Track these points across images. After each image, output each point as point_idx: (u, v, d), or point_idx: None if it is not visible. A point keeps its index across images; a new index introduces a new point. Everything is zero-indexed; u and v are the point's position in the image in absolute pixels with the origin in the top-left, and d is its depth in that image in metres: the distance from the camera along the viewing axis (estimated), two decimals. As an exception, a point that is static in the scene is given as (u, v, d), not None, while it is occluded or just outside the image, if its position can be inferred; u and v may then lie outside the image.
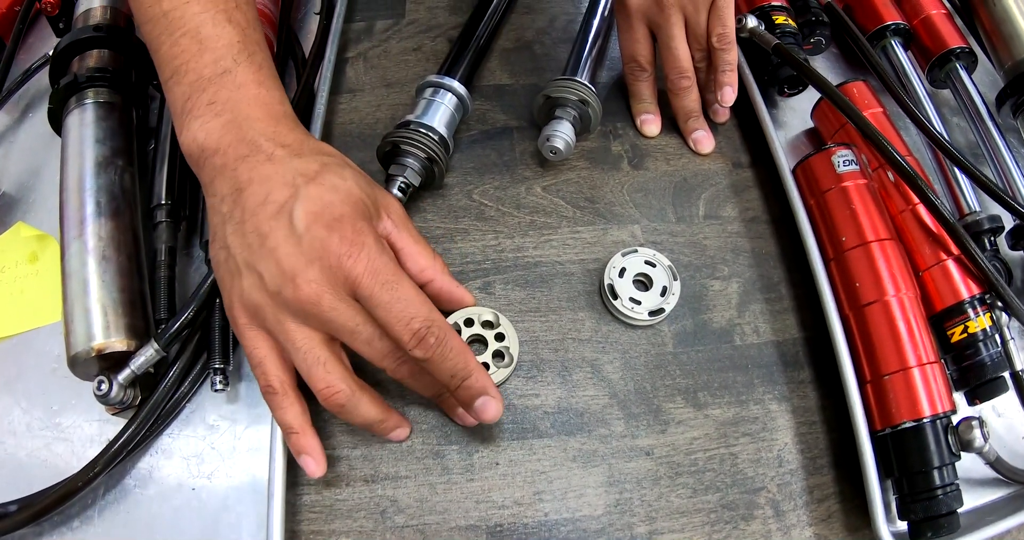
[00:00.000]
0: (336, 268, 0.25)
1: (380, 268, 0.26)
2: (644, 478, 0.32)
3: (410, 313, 0.26)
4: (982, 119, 0.42)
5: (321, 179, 0.27)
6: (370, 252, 0.26)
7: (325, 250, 0.25)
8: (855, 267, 0.34)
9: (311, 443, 0.28)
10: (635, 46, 0.39)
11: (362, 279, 0.26)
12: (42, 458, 0.32)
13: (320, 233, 0.25)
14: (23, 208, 0.40)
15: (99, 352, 0.30)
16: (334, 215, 0.26)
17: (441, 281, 0.31)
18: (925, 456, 0.30)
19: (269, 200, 0.26)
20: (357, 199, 0.27)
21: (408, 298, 0.26)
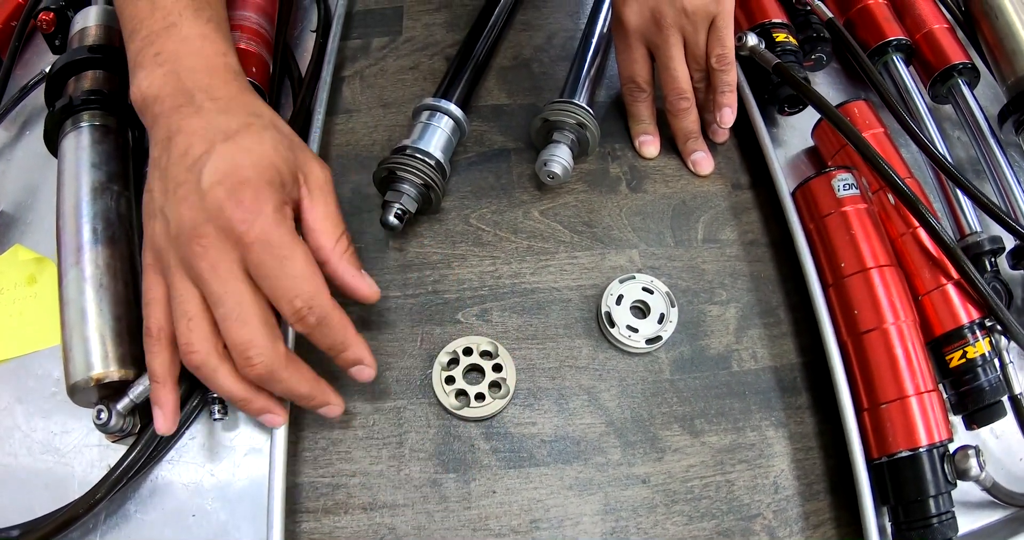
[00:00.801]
0: (228, 231, 0.26)
1: (272, 239, 0.26)
2: (640, 506, 0.32)
3: (294, 290, 0.26)
4: (984, 135, 0.42)
5: (238, 139, 0.27)
6: (265, 221, 0.26)
7: (221, 212, 0.26)
8: (854, 294, 0.34)
9: (167, 398, 0.28)
10: (633, 67, 0.39)
11: (252, 247, 0.26)
12: (44, 482, 0.32)
13: (220, 194, 0.26)
14: (21, 228, 0.40)
15: (98, 381, 0.30)
16: (239, 178, 0.26)
17: (335, 265, 0.29)
18: (921, 485, 0.30)
19: (188, 152, 0.27)
20: (269, 164, 0.27)
21: (294, 274, 0.26)
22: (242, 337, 0.26)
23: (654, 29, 0.37)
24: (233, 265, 0.26)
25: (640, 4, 0.37)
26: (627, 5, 0.37)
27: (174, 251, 0.27)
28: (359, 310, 0.36)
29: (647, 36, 0.38)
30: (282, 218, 0.27)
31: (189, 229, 0.26)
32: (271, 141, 0.28)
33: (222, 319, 0.26)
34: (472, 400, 0.32)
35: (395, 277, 0.37)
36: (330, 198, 0.30)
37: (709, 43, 0.38)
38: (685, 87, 0.39)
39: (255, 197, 0.26)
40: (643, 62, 0.39)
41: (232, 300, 0.26)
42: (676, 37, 0.37)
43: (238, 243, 0.26)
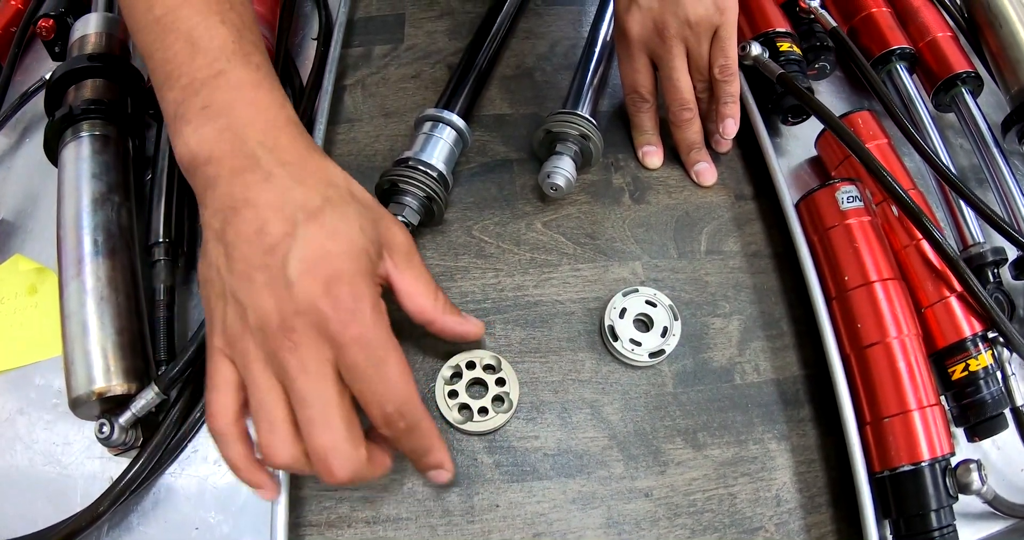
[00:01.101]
0: (323, 329, 0.24)
1: (371, 340, 0.24)
2: (643, 519, 0.32)
3: (387, 395, 0.25)
4: (987, 144, 0.42)
5: (322, 219, 0.25)
6: (363, 321, 0.24)
7: (315, 308, 0.24)
8: (857, 307, 0.34)
9: (259, 478, 0.26)
10: (636, 77, 0.39)
11: (349, 348, 0.24)
12: (46, 494, 0.32)
13: (314, 288, 0.24)
14: (21, 236, 0.40)
15: (100, 395, 0.30)
16: (332, 270, 0.24)
17: (442, 322, 0.30)
18: (923, 499, 0.30)
19: (264, 231, 0.24)
20: (359, 250, 0.25)
21: (389, 378, 0.25)
22: (324, 442, 0.24)
23: (657, 39, 0.37)
24: (324, 364, 0.24)
25: (643, 14, 0.37)
26: (630, 15, 0.37)
27: (256, 342, 0.24)
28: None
29: (650, 46, 0.38)
30: (379, 315, 0.25)
31: (277, 322, 0.24)
32: (356, 218, 0.26)
33: (306, 421, 0.24)
34: (475, 414, 0.32)
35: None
36: (416, 259, 0.29)
37: (712, 53, 0.37)
38: (688, 98, 0.38)
39: (352, 294, 0.24)
40: (646, 72, 0.39)
41: (320, 403, 0.24)
42: (679, 48, 0.37)
43: (332, 342, 0.24)
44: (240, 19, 0.28)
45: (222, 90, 0.26)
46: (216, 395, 0.25)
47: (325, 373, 0.24)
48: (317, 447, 0.24)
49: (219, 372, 0.25)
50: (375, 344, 0.24)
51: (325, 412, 0.24)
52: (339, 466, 0.24)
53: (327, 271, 0.24)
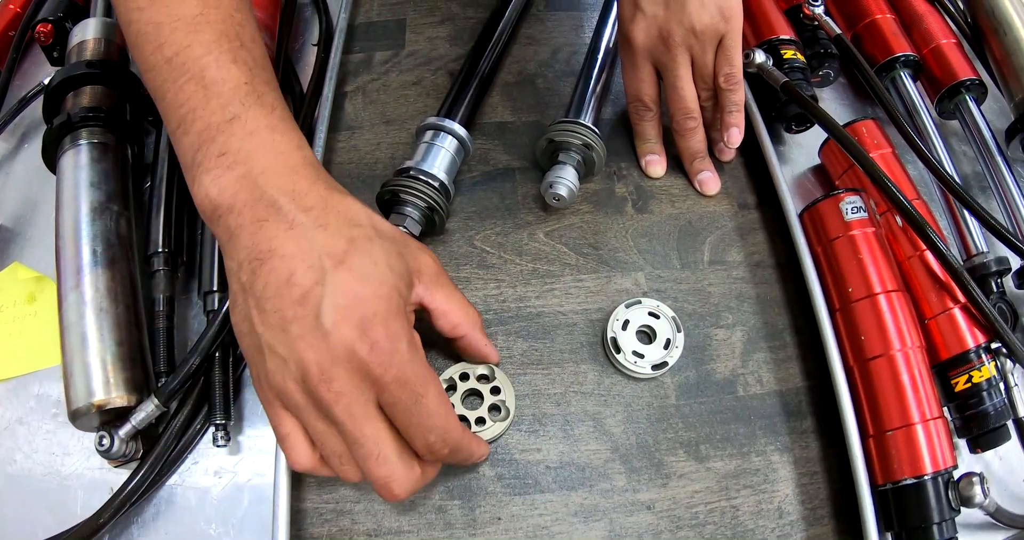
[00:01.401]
0: (363, 373, 0.24)
1: (409, 377, 0.25)
2: (645, 532, 0.32)
3: (429, 427, 0.26)
4: (990, 152, 0.41)
5: (351, 263, 0.25)
6: (401, 360, 0.25)
7: (353, 355, 0.24)
8: (861, 319, 0.34)
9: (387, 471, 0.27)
10: (640, 85, 0.39)
11: (390, 387, 0.25)
12: (46, 505, 0.32)
13: (350, 335, 0.24)
14: (20, 243, 0.40)
15: (99, 408, 0.30)
16: (365, 314, 0.24)
17: (472, 337, 0.31)
18: (925, 512, 0.30)
19: (293, 282, 0.24)
20: (390, 288, 0.25)
21: (430, 411, 0.26)
22: (382, 474, 0.26)
23: (662, 48, 0.37)
24: (368, 406, 0.25)
25: (648, 22, 0.36)
26: (634, 23, 0.37)
27: (302, 393, 0.25)
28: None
29: (654, 55, 0.37)
30: (415, 351, 0.26)
31: (317, 373, 0.24)
32: (383, 257, 0.26)
33: (362, 459, 0.25)
34: (473, 424, 0.32)
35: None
36: (445, 279, 0.29)
37: (717, 62, 0.37)
38: (692, 106, 0.38)
39: (387, 335, 0.24)
40: (650, 81, 0.38)
41: (370, 442, 0.25)
42: (684, 56, 0.37)
43: (374, 385, 0.25)
44: (252, 57, 0.28)
45: (238, 136, 0.26)
46: (287, 444, 0.27)
47: (370, 413, 0.25)
48: (377, 478, 0.26)
49: (281, 423, 0.26)
50: (414, 381, 0.25)
51: (377, 449, 0.25)
52: (399, 488, 0.26)
53: (360, 315, 0.24)
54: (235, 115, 0.26)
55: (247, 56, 0.27)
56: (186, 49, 0.27)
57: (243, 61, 0.27)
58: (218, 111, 0.26)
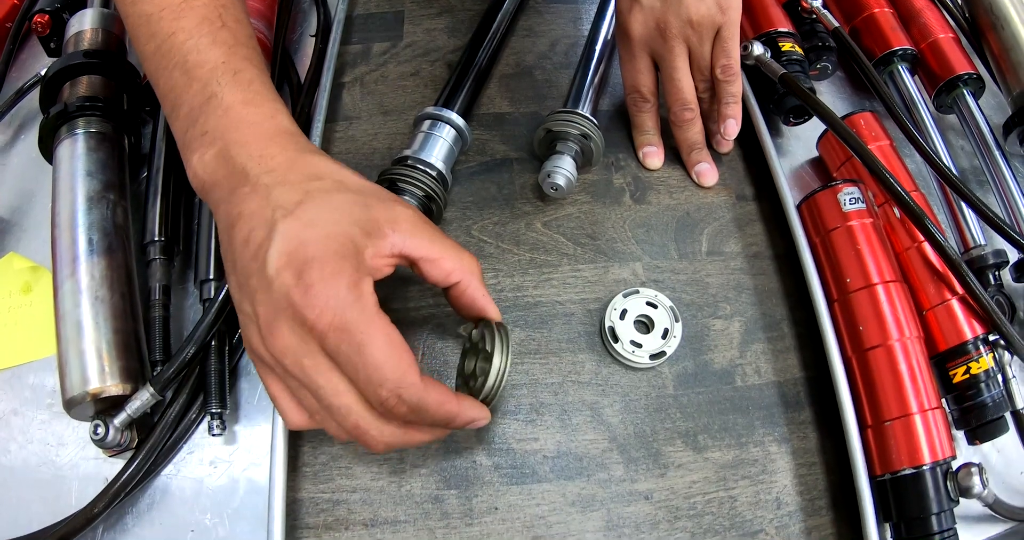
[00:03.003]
0: (300, 319, 0.23)
1: (347, 323, 0.23)
2: (643, 522, 0.32)
3: (377, 379, 0.23)
4: (988, 146, 0.42)
5: (300, 212, 0.24)
6: (339, 303, 0.23)
7: (289, 300, 0.23)
8: (859, 309, 0.34)
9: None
10: (638, 77, 0.39)
11: (327, 335, 0.23)
12: (41, 495, 0.32)
13: (287, 280, 0.23)
14: (17, 233, 0.39)
15: (94, 396, 0.30)
16: (305, 258, 0.23)
17: (467, 285, 0.28)
18: (924, 503, 0.30)
19: (250, 239, 0.24)
20: (339, 233, 0.24)
21: (376, 361, 0.23)
22: (350, 426, 0.25)
23: (659, 40, 0.37)
24: (317, 357, 0.24)
25: (645, 14, 0.36)
26: (632, 15, 0.37)
27: (268, 353, 0.24)
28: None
29: (652, 46, 0.37)
30: (356, 296, 0.24)
31: (265, 326, 0.24)
32: (339, 205, 0.25)
33: (327, 411, 0.25)
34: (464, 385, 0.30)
35: (396, 290, 0.36)
36: (430, 228, 0.27)
37: (714, 54, 0.37)
38: (690, 98, 0.38)
39: (323, 277, 0.23)
40: (647, 72, 0.38)
41: (329, 394, 0.24)
42: (681, 48, 0.37)
43: (312, 331, 0.23)
44: (233, 36, 0.28)
45: (216, 114, 0.27)
46: (277, 406, 0.26)
47: (320, 365, 0.24)
48: (348, 430, 0.25)
49: (268, 385, 0.26)
50: (353, 327, 0.23)
51: (338, 401, 0.24)
52: (373, 442, 0.25)
53: (301, 259, 0.23)
54: (212, 94, 0.27)
55: (227, 36, 0.28)
56: (171, 37, 0.28)
57: (222, 41, 0.28)
58: (198, 93, 0.27)
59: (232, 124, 0.26)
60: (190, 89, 0.27)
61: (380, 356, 0.23)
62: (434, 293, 0.36)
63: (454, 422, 0.26)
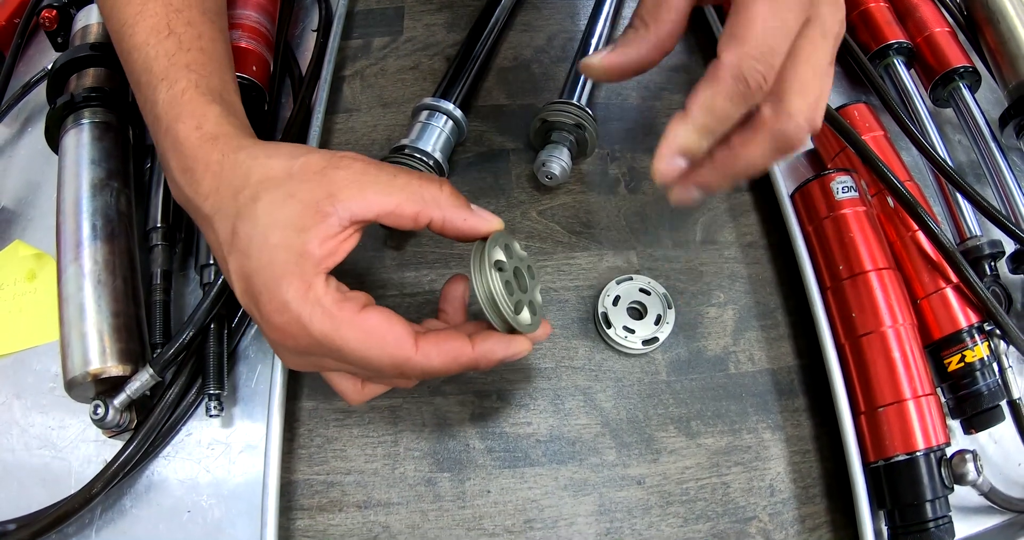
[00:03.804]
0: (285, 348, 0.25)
1: (316, 338, 0.23)
2: (635, 507, 0.32)
3: (374, 369, 0.24)
4: (984, 139, 0.42)
5: (236, 242, 0.24)
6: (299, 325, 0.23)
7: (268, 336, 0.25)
8: (852, 296, 0.34)
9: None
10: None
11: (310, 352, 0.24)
12: (41, 477, 0.32)
13: (257, 317, 0.25)
14: (22, 223, 0.40)
15: (95, 377, 0.30)
16: (254, 293, 0.24)
17: (441, 217, 0.25)
18: (918, 489, 0.30)
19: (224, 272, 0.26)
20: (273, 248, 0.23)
21: (362, 357, 0.23)
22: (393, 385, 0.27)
23: None
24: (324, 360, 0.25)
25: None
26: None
27: None
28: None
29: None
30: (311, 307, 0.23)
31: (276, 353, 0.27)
32: (266, 213, 0.23)
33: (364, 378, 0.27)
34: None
35: (392, 276, 0.37)
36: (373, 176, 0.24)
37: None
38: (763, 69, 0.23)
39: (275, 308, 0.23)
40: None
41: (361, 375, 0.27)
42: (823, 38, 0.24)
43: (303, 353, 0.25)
44: (176, 43, 0.28)
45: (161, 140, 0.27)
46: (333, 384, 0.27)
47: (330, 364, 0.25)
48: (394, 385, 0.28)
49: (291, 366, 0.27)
50: (323, 338, 0.23)
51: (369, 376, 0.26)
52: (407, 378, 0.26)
53: (253, 295, 0.24)
54: (156, 116, 0.27)
55: (170, 45, 0.28)
56: (129, 55, 0.28)
57: (164, 53, 0.27)
58: (149, 113, 0.27)
59: (171, 149, 0.26)
60: (145, 108, 0.28)
61: (362, 351, 0.23)
62: (430, 280, 0.37)
63: (480, 366, 0.25)
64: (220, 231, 0.25)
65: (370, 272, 0.37)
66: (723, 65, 0.22)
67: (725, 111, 0.23)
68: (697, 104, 0.23)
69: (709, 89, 0.22)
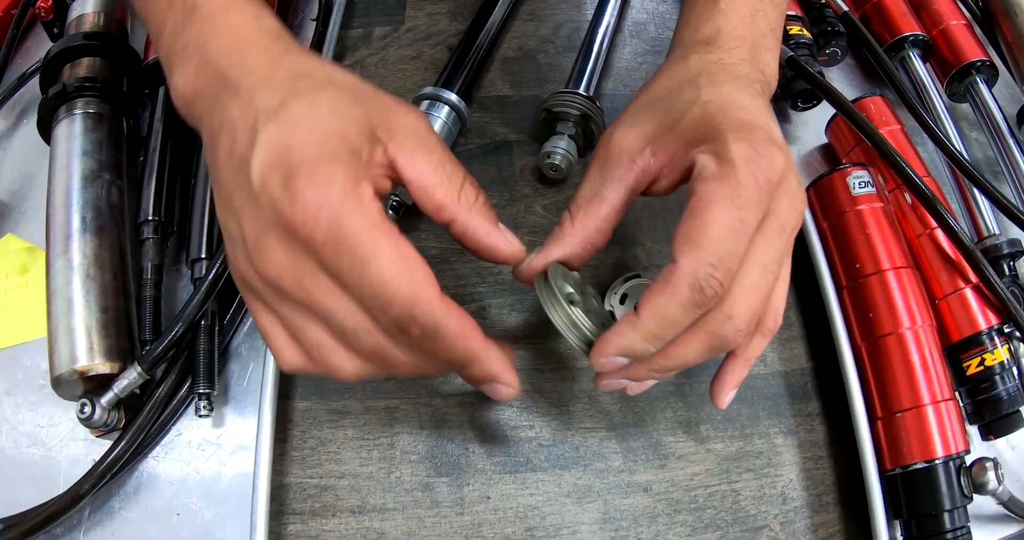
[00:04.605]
0: (294, 235, 0.20)
1: (346, 235, 0.20)
2: (641, 515, 0.31)
3: (384, 298, 0.20)
4: (1002, 135, 0.40)
5: (283, 114, 0.21)
6: (332, 213, 0.20)
7: (278, 214, 0.20)
8: (870, 296, 0.33)
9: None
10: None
11: (324, 252, 0.20)
12: (29, 476, 0.31)
13: (274, 191, 0.20)
14: (16, 217, 0.39)
15: (82, 374, 0.30)
16: (291, 164, 0.20)
17: (464, 222, 0.23)
18: (936, 499, 0.29)
19: (233, 150, 0.21)
20: (330, 133, 0.21)
21: (383, 278, 0.20)
22: (368, 348, 0.22)
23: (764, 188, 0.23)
24: (318, 276, 0.21)
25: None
26: None
27: (258, 278, 0.22)
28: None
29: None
30: (355, 202, 0.20)
31: (253, 245, 0.21)
32: (328, 102, 0.21)
33: (341, 335, 0.22)
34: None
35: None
36: (432, 144, 0.23)
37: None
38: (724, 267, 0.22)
39: (312, 184, 0.20)
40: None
41: (339, 317, 0.21)
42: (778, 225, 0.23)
43: (308, 248, 0.20)
44: None
45: (196, 26, 0.24)
46: (269, 343, 0.23)
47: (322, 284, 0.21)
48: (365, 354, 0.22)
49: (258, 317, 0.23)
50: (353, 239, 0.20)
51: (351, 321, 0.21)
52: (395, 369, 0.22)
53: (285, 166, 0.20)
54: (192, 6, 0.24)
55: None
56: None
57: None
58: (179, 9, 0.25)
59: (212, 31, 0.24)
60: (172, 7, 0.25)
61: (388, 271, 0.20)
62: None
63: (472, 367, 0.22)
64: (261, 100, 0.22)
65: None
66: (679, 272, 0.22)
67: (678, 320, 0.22)
68: (649, 311, 0.22)
69: (663, 296, 0.22)
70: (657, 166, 0.25)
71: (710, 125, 0.24)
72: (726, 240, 0.22)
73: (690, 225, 0.22)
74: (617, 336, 0.23)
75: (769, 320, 0.25)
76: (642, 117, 0.26)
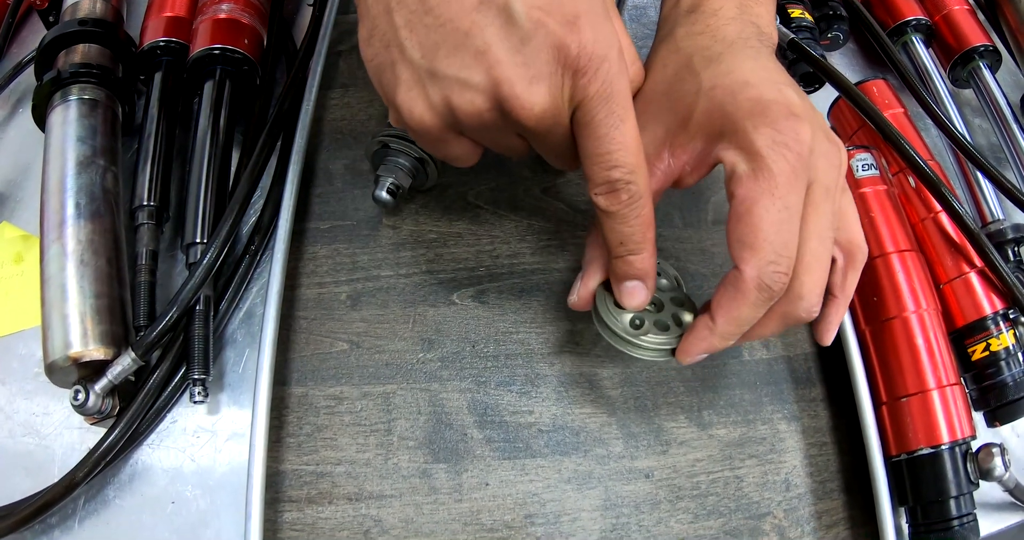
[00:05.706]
0: (567, 85, 0.20)
1: (613, 94, 0.20)
2: (643, 502, 0.30)
3: (616, 159, 0.21)
4: (1006, 121, 0.40)
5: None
6: (610, 70, 0.20)
7: (556, 61, 0.20)
8: (874, 280, 0.32)
9: None
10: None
11: (589, 103, 0.20)
12: (24, 465, 0.31)
13: (558, 31, 0.19)
14: (11, 205, 0.39)
15: (75, 360, 0.29)
16: (567, 13, 0.20)
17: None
18: (942, 485, 0.29)
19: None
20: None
21: (623, 142, 0.21)
22: None
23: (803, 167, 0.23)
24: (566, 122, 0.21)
25: None
26: None
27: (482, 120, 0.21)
28: (348, 288, 0.34)
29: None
30: (623, 67, 0.21)
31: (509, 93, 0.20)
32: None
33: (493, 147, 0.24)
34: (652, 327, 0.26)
35: (388, 256, 0.35)
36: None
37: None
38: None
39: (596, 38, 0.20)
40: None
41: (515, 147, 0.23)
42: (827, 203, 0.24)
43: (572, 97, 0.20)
44: None
45: None
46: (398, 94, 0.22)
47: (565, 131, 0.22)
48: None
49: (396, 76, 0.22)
50: (616, 100, 0.21)
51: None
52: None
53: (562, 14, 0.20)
54: None
55: None
56: None
57: None
58: None
59: None
60: None
61: (629, 138, 0.21)
62: (428, 260, 0.35)
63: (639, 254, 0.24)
64: None
65: (364, 252, 0.35)
66: (744, 279, 0.23)
67: (751, 317, 0.24)
68: (723, 315, 0.24)
69: (734, 301, 0.23)
70: (678, 166, 0.26)
71: (723, 116, 0.23)
72: (779, 234, 0.22)
73: (741, 230, 0.23)
74: (698, 340, 0.25)
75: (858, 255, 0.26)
76: (648, 118, 0.26)
